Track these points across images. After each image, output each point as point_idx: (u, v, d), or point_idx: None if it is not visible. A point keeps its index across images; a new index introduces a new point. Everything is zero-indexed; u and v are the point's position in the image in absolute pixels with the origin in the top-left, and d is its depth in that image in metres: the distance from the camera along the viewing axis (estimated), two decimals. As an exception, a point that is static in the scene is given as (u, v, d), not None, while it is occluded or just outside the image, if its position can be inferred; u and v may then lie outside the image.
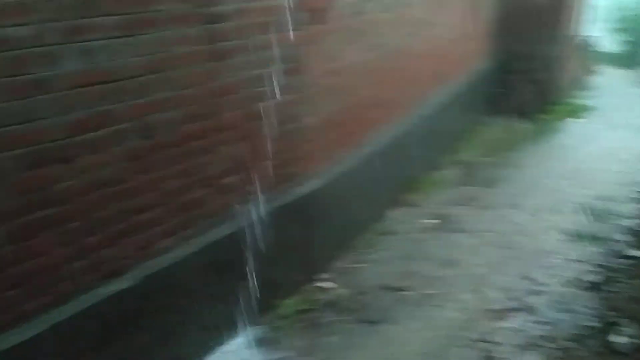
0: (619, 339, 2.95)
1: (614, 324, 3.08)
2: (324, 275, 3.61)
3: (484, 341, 3.04)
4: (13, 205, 1.95)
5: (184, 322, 2.70)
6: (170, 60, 2.39)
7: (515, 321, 3.20)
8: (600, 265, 3.72)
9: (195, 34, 2.47)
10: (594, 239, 4.05)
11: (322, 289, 3.49)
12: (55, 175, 2.06)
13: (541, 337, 3.06)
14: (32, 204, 2.01)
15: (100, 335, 2.31)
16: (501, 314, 3.27)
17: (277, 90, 2.87)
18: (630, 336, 2.96)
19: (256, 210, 2.91)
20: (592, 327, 3.09)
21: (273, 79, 2.84)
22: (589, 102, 7.33)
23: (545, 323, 3.17)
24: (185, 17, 2.42)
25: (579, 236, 4.10)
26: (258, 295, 3.00)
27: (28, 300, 2.07)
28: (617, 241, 4.01)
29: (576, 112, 6.97)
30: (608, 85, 8.30)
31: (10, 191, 1.93)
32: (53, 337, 2.13)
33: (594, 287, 3.49)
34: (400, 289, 3.50)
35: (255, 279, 2.95)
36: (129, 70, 2.23)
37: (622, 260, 3.76)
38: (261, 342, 3.01)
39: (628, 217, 4.36)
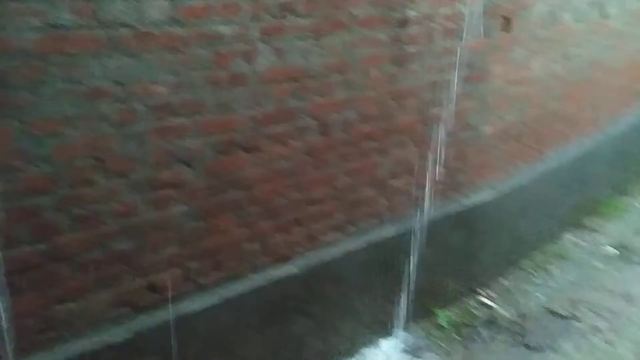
0: None
1: None
2: (486, 292, 3.48)
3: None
4: (204, 185, 2.16)
5: (339, 316, 2.78)
6: (354, 62, 2.48)
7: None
8: None
9: (382, 37, 2.54)
10: None
11: (482, 305, 3.37)
12: (241, 162, 2.25)
13: None
14: (219, 186, 2.21)
15: (262, 315, 2.47)
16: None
17: (455, 97, 2.84)
18: None
19: (422, 216, 2.90)
20: None
21: (452, 85, 2.81)
22: None
23: None
24: (374, 21, 2.49)
25: None
26: (414, 300, 2.99)
27: (207, 273, 2.28)
28: None
29: None
30: None
31: (203, 172, 2.15)
32: (222, 311, 2.32)
33: None
34: (567, 317, 3.26)
35: (413, 283, 2.94)
36: (314, 70, 2.35)
37: None
38: (413, 348, 2.99)
39: None
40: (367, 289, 2.84)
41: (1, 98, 1.62)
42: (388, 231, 2.85)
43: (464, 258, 3.31)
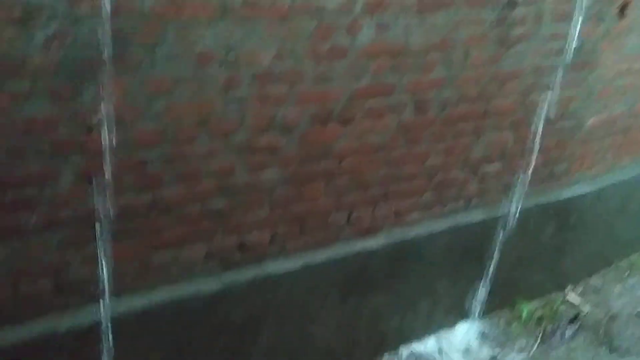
0: None
1: None
2: (574, 290, 3.37)
3: None
4: (298, 153, 2.23)
5: (418, 295, 2.79)
6: (455, 41, 2.43)
7: None
8: None
9: (487, 18, 2.47)
10: None
11: (568, 303, 3.26)
12: (335, 134, 2.29)
13: None
14: (312, 155, 2.27)
15: (342, 286, 2.53)
16: None
17: (559, 84, 2.72)
18: None
19: (512, 204, 2.84)
20: None
21: (558, 71, 2.70)
22: None
23: None
24: (481, 0, 2.42)
25: None
26: (497, 289, 2.95)
27: (293, 238, 2.36)
28: None
29: None
30: None
31: (297, 140, 2.21)
32: (304, 276, 2.40)
33: None
34: (660, 325, 3.10)
35: (497, 271, 2.90)
36: (414, 47, 2.34)
37: None
38: (490, 336, 2.96)
39: None
40: (448, 272, 2.83)
41: (122, 56, 1.75)
42: (476, 216, 2.81)
43: (554, 252, 3.20)
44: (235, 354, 2.30)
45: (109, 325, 1.93)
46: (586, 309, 3.20)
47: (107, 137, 1.79)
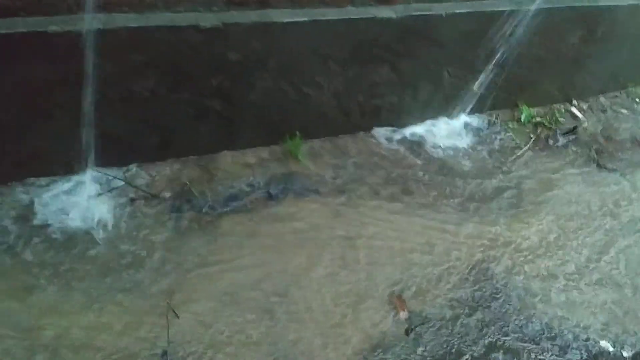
0: None
1: None
2: (580, 104, 3.30)
3: None
4: None
5: (421, 78, 2.72)
6: None
7: None
8: None
9: None
10: None
11: (570, 115, 3.22)
12: None
13: None
14: None
15: (347, 50, 2.43)
16: None
17: None
18: None
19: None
20: None
21: None
22: None
23: None
24: None
25: None
26: (502, 87, 2.89)
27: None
28: None
29: None
30: None
31: None
32: (308, 31, 2.28)
33: None
34: (654, 153, 3.10)
35: (507, 68, 2.80)
36: None
37: None
38: (483, 130, 2.96)
39: None
40: (458, 60, 2.72)
41: None
42: (502, 4, 2.62)
43: (571, 62, 3.07)
44: (229, 95, 2.29)
45: (96, 36, 1.88)
46: (586, 124, 3.17)
47: None
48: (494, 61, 2.76)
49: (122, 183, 2.22)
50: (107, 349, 1.78)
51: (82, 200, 2.15)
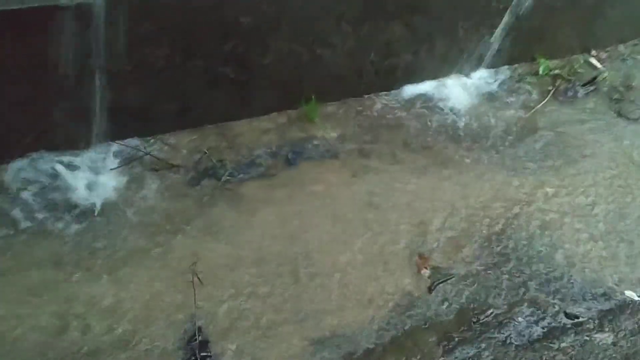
0: None
1: None
2: (599, 54, 3.23)
3: None
4: None
5: (436, 33, 2.66)
6: None
7: None
8: None
9: None
10: None
11: (590, 65, 3.15)
12: None
13: None
14: None
15: (359, 9, 2.37)
16: None
17: None
18: None
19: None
20: None
21: None
22: None
23: None
24: None
25: None
26: (517, 41, 2.83)
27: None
28: None
29: None
30: None
31: None
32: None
33: None
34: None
35: (524, 21, 2.74)
36: None
37: None
38: (500, 84, 2.91)
39: None
40: (473, 13, 2.66)
41: None
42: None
43: (590, 10, 2.99)
44: (243, 60, 2.27)
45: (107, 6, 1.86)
46: (606, 74, 3.10)
47: None
48: (510, 13, 2.69)
49: (142, 154, 2.24)
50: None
51: (104, 174, 2.17)
